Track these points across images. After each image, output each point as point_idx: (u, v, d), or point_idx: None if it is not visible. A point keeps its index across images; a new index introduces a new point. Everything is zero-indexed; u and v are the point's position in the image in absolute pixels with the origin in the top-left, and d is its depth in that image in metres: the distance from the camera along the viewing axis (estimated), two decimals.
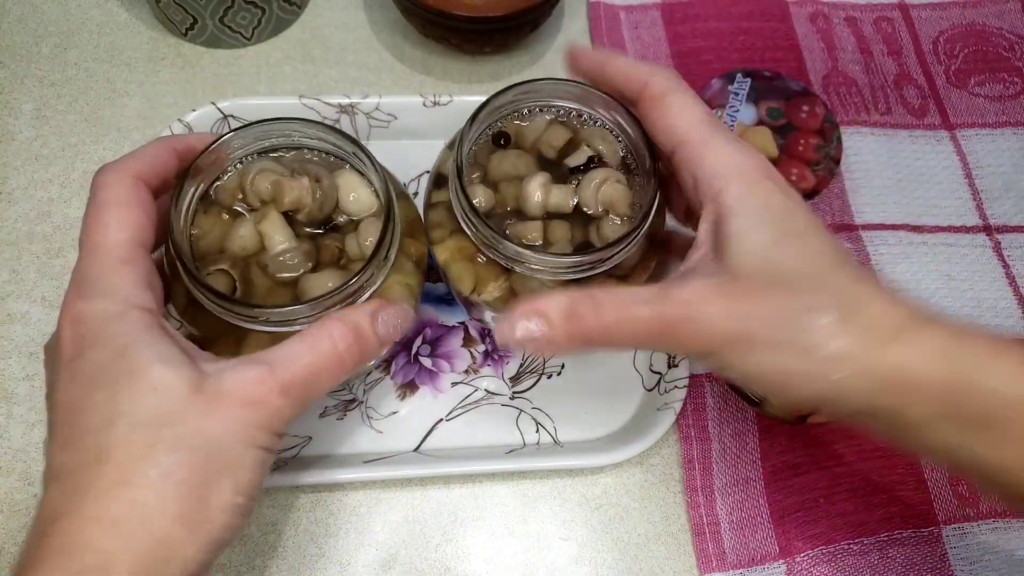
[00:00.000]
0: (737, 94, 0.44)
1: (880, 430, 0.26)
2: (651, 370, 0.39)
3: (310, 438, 0.37)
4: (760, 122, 0.43)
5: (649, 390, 0.39)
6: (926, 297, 0.41)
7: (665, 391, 0.38)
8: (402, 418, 0.38)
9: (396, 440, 0.37)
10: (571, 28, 0.50)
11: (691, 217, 0.32)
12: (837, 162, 0.42)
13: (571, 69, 0.33)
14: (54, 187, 0.42)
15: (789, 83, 0.44)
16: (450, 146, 0.33)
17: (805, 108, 0.44)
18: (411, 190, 0.43)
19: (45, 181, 0.42)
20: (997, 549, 0.36)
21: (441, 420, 0.38)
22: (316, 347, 0.26)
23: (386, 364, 0.39)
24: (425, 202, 0.34)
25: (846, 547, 0.36)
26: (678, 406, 0.37)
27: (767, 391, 0.26)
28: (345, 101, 0.42)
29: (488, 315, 0.34)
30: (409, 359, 0.39)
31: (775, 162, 0.40)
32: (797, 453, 0.37)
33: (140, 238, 0.27)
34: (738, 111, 0.43)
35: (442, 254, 0.32)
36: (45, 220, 0.41)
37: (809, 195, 0.41)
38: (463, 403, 0.38)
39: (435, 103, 0.43)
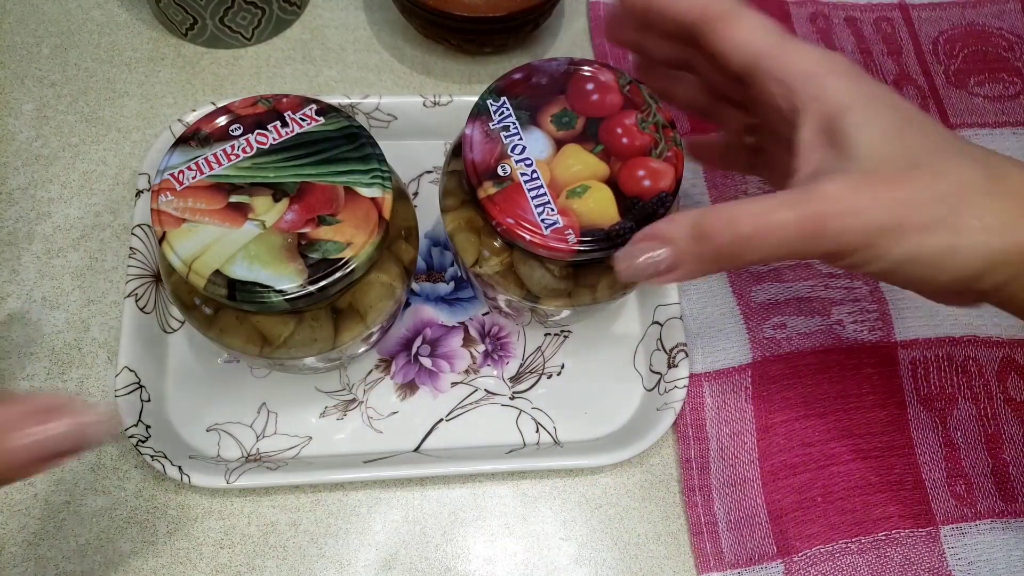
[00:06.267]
0: (507, 127, 0.31)
1: (1010, 306, 0.26)
2: (651, 370, 0.39)
3: (310, 438, 0.37)
4: (558, 142, 0.31)
5: (649, 390, 0.39)
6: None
7: (665, 391, 0.38)
8: (402, 418, 0.38)
9: (396, 440, 0.37)
10: (571, 28, 0.50)
11: (762, 131, 0.31)
12: (673, 125, 0.32)
13: (625, 10, 0.31)
14: (54, 187, 0.42)
15: (546, 70, 0.33)
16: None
17: (590, 86, 0.33)
18: (411, 190, 0.43)
19: (45, 181, 0.42)
20: (995, 549, 0.36)
21: (441, 420, 0.38)
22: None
23: (386, 364, 0.39)
24: (443, 169, 0.34)
25: (844, 546, 0.36)
26: (678, 406, 0.37)
27: (916, 277, 0.25)
28: (345, 101, 0.42)
29: (503, 300, 0.34)
30: (409, 359, 0.39)
31: (611, 179, 0.30)
32: (795, 453, 0.37)
33: None
34: (524, 149, 0.31)
35: (450, 223, 0.33)
36: (45, 220, 0.41)
37: (675, 191, 0.31)
38: (463, 403, 0.39)
39: (435, 103, 0.43)
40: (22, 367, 0.38)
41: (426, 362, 0.39)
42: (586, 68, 0.33)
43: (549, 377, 0.39)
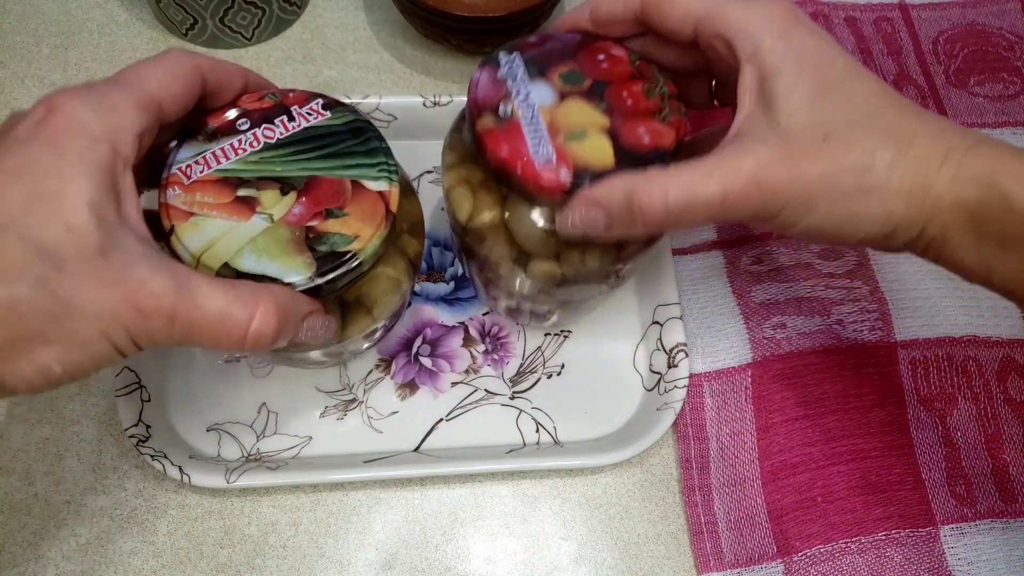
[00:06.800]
0: (514, 76, 0.32)
1: (925, 257, 0.27)
2: (651, 370, 0.39)
3: (310, 438, 0.37)
4: (563, 95, 0.32)
5: (649, 390, 0.39)
6: (925, 297, 0.41)
7: (665, 391, 0.38)
8: (402, 418, 0.38)
9: (396, 440, 0.37)
10: None
11: (725, 93, 0.33)
12: (678, 98, 0.32)
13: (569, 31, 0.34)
14: None
15: (561, 39, 0.34)
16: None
17: (601, 56, 0.33)
18: None
19: None
20: (995, 549, 0.36)
21: (441, 420, 0.38)
22: (230, 309, 0.25)
23: (386, 364, 0.39)
24: (449, 129, 0.34)
25: (844, 546, 0.36)
26: (678, 406, 0.37)
27: (829, 239, 0.28)
28: (345, 101, 0.42)
29: (502, 295, 0.34)
30: (409, 359, 0.39)
31: (612, 130, 0.31)
32: (795, 453, 0.38)
33: (167, 104, 0.27)
34: (528, 95, 0.32)
35: (448, 180, 0.33)
36: None
37: (674, 151, 0.31)
38: (463, 403, 0.39)
39: (435, 103, 0.43)
40: None
41: (426, 362, 0.39)
42: (600, 42, 0.33)
43: (549, 377, 0.39)
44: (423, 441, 0.38)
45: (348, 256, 0.28)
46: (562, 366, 0.40)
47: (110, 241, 0.23)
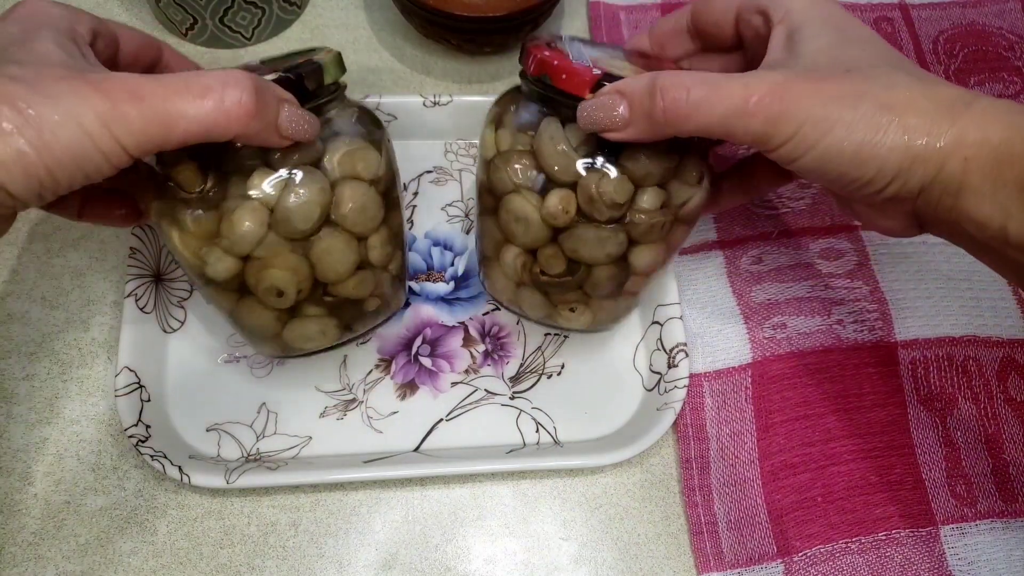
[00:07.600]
0: (563, 40, 0.36)
1: (937, 212, 0.27)
2: (651, 370, 0.39)
3: (310, 438, 0.37)
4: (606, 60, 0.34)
5: (649, 390, 0.39)
6: (925, 297, 0.41)
7: (665, 391, 0.38)
8: (402, 418, 0.38)
9: (396, 440, 0.37)
10: (571, 28, 0.50)
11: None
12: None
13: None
14: None
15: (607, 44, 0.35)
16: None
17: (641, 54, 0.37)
18: (411, 190, 0.43)
19: None
20: (995, 549, 0.36)
21: (441, 420, 0.38)
22: (196, 77, 0.25)
23: (386, 364, 0.39)
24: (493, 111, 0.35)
25: (844, 547, 0.36)
26: (678, 406, 0.37)
27: (843, 173, 0.27)
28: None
29: (521, 203, 0.34)
30: (409, 359, 0.39)
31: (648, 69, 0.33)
32: (795, 453, 0.38)
33: (122, 35, 0.31)
34: (578, 49, 0.34)
35: (487, 130, 0.35)
36: (45, 220, 0.41)
37: None
38: (463, 403, 0.39)
39: (435, 103, 0.43)
40: (22, 367, 0.38)
41: (426, 362, 0.39)
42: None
43: (549, 377, 0.39)
44: (423, 441, 0.38)
45: (305, 61, 0.31)
46: (562, 366, 0.40)
47: (76, 63, 0.26)
